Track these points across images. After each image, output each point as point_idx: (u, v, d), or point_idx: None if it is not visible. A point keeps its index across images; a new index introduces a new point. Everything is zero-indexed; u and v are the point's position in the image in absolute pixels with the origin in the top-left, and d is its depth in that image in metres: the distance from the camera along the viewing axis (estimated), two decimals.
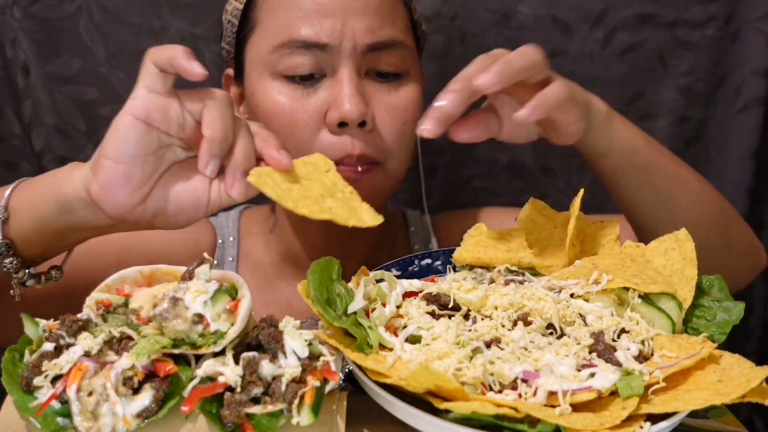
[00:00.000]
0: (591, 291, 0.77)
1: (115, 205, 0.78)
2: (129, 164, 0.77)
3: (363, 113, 1.00)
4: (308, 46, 1.01)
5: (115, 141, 0.77)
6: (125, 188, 0.77)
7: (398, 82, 1.05)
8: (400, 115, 1.04)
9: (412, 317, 0.75)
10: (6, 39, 1.40)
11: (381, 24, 1.03)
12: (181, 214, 0.81)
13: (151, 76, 0.78)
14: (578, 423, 0.62)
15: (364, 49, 1.02)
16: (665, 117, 1.46)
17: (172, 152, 0.80)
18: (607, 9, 1.41)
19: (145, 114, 0.77)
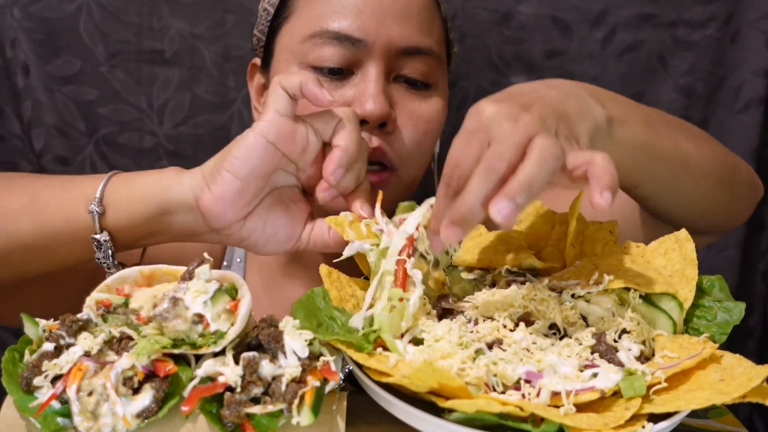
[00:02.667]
0: (592, 291, 0.77)
1: (221, 218, 0.81)
2: (247, 182, 0.80)
3: (385, 113, 0.98)
4: (340, 38, 0.99)
5: (241, 157, 0.79)
6: (236, 204, 0.81)
7: (426, 92, 1.04)
8: (422, 124, 1.03)
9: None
10: (6, 39, 1.40)
11: (418, 30, 1.01)
12: (273, 241, 0.85)
13: (281, 100, 0.80)
14: (582, 423, 0.62)
15: (397, 52, 1.00)
16: None
17: (278, 175, 0.84)
18: (607, 9, 1.41)
19: (275, 135, 0.80)
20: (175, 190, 0.82)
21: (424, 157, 1.06)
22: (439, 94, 1.06)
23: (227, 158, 0.80)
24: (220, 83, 1.45)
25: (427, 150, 1.06)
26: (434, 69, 1.04)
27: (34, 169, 1.48)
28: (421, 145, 1.03)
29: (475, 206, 0.66)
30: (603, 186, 0.65)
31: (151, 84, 1.44)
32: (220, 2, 1.42)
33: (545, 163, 0.66)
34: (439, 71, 1.06)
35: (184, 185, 0.82)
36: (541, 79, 1.46)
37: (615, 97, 0.89)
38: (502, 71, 1.45)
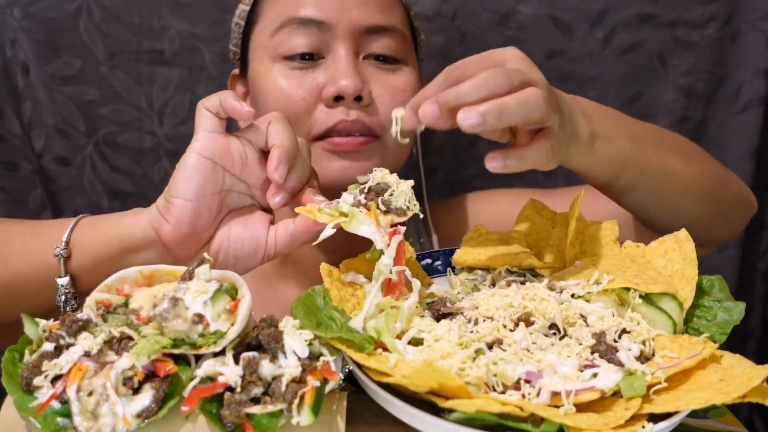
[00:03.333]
0: (592, 291, 0.77)
1: (184, 244, 0.83)
2: (198, 202, 0.82)
3: (359, 87, 1.00)
4: (305, 23, 1.03)
5: (183, 179, 0.81)
6: (195, 227, 0.82)
7: (396, 65, 1.06)
8: (398, 93, 1.05)
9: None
10: (6, 39, 1.40)
11: (380, 9, 1.05)
12: (242, 258, 0.86)
13: (207, 118, 0.83)
14: (583, 423, 0.62)
15: (362, 31, 1.03)
16: (665, 117, 1.46)
17: (231, 197, 0.86)
18: (607, 9, 1.41)
19: (210, 151, 0.82)
20: (137, 227, 0.83)
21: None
22: (410, 67, 1.08)
23: (173, 186, 0.82)
24: (220, 83, 1.45)
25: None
26: (400, 45, 1.07)
27: (34, 169, 1.48)
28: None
29: (465, 97, 0.73)
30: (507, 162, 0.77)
31: (151, 84, 1.44)
32: (220, 2, 1.42)
33: (526, 105, 0.74)
34: (406, 48, 1.09)
35: (144, 221, 0.83)
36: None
37: (605, 114, 0.92)
38: None
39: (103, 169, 1.47)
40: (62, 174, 1.47)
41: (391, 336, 0.72)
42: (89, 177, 1.48)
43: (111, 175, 1.48)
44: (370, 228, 0.78)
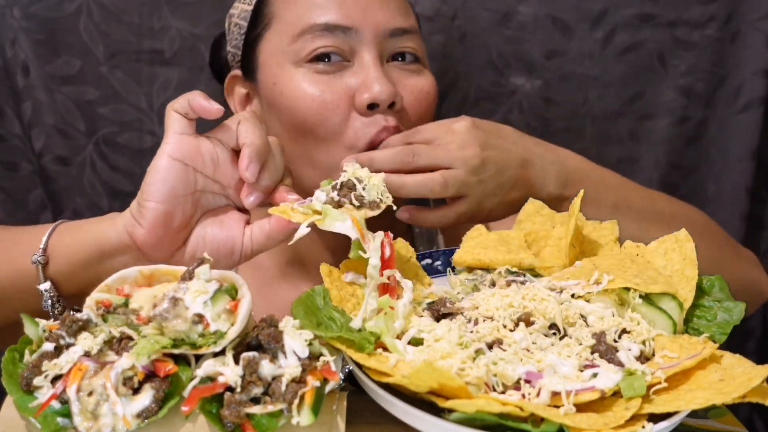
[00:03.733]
0: (592, 291, 0.77)
1: (159, 248, 0.83)
2: (170, 204, 0.81)
3: (392, 93, 1.00)
4: (330, 29, 1.02)
5: (155, 182, 0.81)
6: (168, 229, 0.82)
7: (417, 66, 1.08)
8: (424, 97, 1.06)
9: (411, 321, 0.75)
10: (6, 39, 1.40)
11: (400, 12, 1.06)
12: (218, 258, 0.84)
13: (176, 120, 0.84)
14: (583, 423, 0.62)
15: (387, 34, 1.04)
16: (665, 117, 1.46)
17: (206, 198, 0.86)
18: (607, 9, 1.41)
19: (180, 153, 0.82)
20: (112, 233, 0.83)
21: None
22: (428, 70, 1.10)
23: (144, 189, 0.82)
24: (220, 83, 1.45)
25: (428, 120, 1.07)
26: (420, 45, 1.09)
27: (34, 169, 1.48)
28: (425, 119, 1.06)
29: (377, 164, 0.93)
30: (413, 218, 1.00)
31: (151, 84, 1.44)
32: (220, 2, 1.41)
33: (422, 186, 0.93)
34: (423, 48, 1.10)
35: (118, 226, 0.83)
36: (541, 79, 1.47)
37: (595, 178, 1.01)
38: (502, 71, 1.45)
39: (103, 169, 1.47)
40: (62, 174, 1.47)
41: (391, 336, 0.72)
42: (89, 177, 1.48)
43: (111, 175, 1.48)
44: (345, 224, 0.79)
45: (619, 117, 1.47)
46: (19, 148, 1.47)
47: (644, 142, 1.48)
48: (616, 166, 1.48)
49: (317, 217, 0.79)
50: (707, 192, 1.49)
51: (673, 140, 1.47)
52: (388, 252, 0.80)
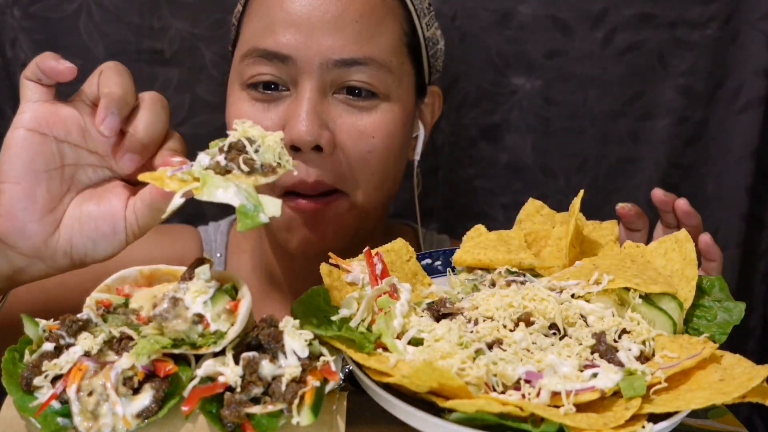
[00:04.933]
0: (592, 291, 0.77)
1: (24, 235, 0.71)
2: (29, 182, 0.71)
3: (315, 137, 0.93)
4: (268, 56, 0.96)
5: (8, 160, 0.70)
6: (31, 212, 0.71)
7: (370, 102, 0.98)
8: (364, 140, 0.97)
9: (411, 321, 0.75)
10: (6, 39, 1.40)
11: (355, 40, 0.95)
12: (100, 239, 0.74)
13: (29, 88, 0.73)
14: (583, 422, 0.62)
15: (330, 65, 0.95)
16: (665, 117, 1.46)
17: (83, 173, 0.75)
18: (607, 9, 1.41)
19: (36, 122, 0.72)
20: None
21: (377, 176, 1.00)
22: (391, 103, 0.99)
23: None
24: (220, 83, 1.44)
25: (377, 167, 0.99)
26: (380, 78, 0.97)
27: None
28: (366, 164, 0.98)
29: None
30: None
31: (151, 84, 1.44)
32: (220, 2, 1.41)
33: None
34: (390, 80, 0.99)
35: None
36: (541, 79, 1.47)
37: None
38: (502, 71, 1.45)
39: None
40: None
41: (391, 336, 0.72)
42: None
43: None
44: (226, 193, 0.66)
45: (619, 117, 1.47)
46: None
47: (644, 142, 1.48)
48: (616, 166, 1.49)
49: (194, 185, 0.66)
50: (707, 192, 1.49)
51: (673, 140, 1.47)
52: (379, 267, 0.81)
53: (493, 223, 1.00)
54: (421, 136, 1.11)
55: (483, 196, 1.54)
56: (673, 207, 0.95)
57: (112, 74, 0.73)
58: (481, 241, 0.89)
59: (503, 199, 1.53)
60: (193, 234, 1.21)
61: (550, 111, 1.47)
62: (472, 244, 0.89)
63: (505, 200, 1.52)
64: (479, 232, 0.91)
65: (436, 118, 1.16)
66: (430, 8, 1.11)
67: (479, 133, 1.48)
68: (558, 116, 1.47)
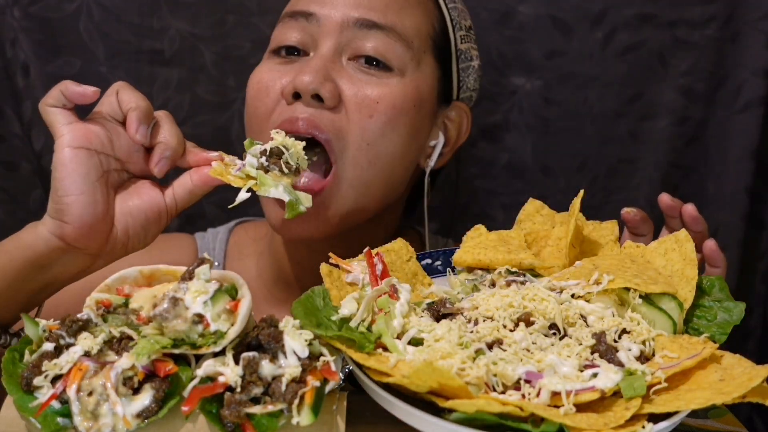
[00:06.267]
0: (592, 291, 0.77)
1: (92, 237, 0.81)
2: (89, 191, 0.80)
3: (317, 85, 0.94)
4: (295, 16, 1.00)
5: (68, 176, 0.79)
6: (95, 216, 0.80)
7: (383, 73, 0.98)
8: (368, 104, 0.96)
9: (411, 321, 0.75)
10: (6, 39, 1.40)
11: (380, 7, 0.98)
12: (150, 226, 0.85)
13: (57, 114, 0.81)
14: (583, 422, 0.62)
15: (350, 24, 0.97)
16: (665, 117, 1.46)
17: (113, 176, 0.84)
18: (607, 9, 1.41)
19: (78, 140, 0.80)
20: (39, 243, 0.81)
21: (373, 149, 0.98)
22: (403, 79, 0.99)
23: (58, 186, 0.80)
24: (220, 83, 1.45)
25: (374, 137, 0.98)
26: (396, 52, 0.98)
27: (34, 169, 1.48)
28: (364, 129, 0.97)
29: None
30: None
31: (151, 84, 1.44)
32: (220, 2, 1.42)
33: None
34: (406, 57, 0.99)
35: (43, 234, 0.81)
36: (541, 79, 1.47)
37: None
38: (502, 71, 1.45)
39: None
40: None
41: (390, 336, 0.72)
42: None
43: None
44: (277, 190, 0.84)
45: (619, 117, 1.47)
46: (19, 148, 1.47)
47: (644, 142, 1.48)
48: (616, 166, 1.49)
49: (253, 182, 0.84)
50: (707, 192, 1.49)
51: (673, 140, 1.47)
52: (380, 267, 0.81)
53: (493, 223, 1.00)
54: (439, 146, 1.08)
55: (483, 196, 1.54)
56: (680, 212, 0.95)
57: (130, 91, 0.84)
58: (481, 241, 0.89)
59: (503, 199, 1.53)
60: (189, 242, 1.20)
61: (550, 111, 1.47)
62: (472, 244, 0.89)
63: (505, 200, 1.52)
64: (479, 232, 0.91)
65: (462, 139, 1.12)
66: (470, 31, 1.11)
67: (479, 133, 1.48)
68: (558, 116, 1.47)
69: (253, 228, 1.23)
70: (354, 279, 0.80)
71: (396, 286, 0.78)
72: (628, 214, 0.97)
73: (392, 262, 0.85)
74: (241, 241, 1.21)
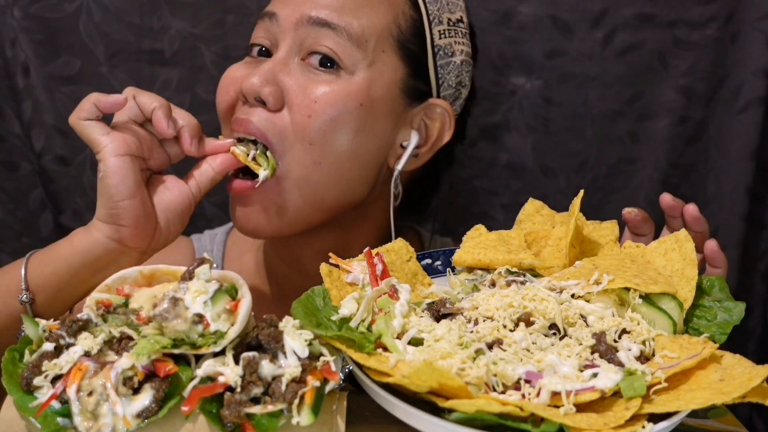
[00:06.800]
0: (592, 291, 0.77)
1: (145, 236, 0.89)
2: (139, 194, 0.88)
3: (258, 88, 0.96)
4: (263, 16, 1.02)
5: (120, 183, 0.87)
6: (147, 216, 0.89)
7: (331, 72, 0.97)
8: (307, 104, 0.96)
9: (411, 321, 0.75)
10: (6, 39, 1.40)
11: (335, 6, 0.98)
12: (184, 217, 0.94)
13: (94, 126, 0.88)
14: (583, 422, 0.62)
15: (305, 21, 0.97)
16: (665, 117, 1.46)
17: (145, 176, 0.92)
18: (607, 9, 1.41)
19: (120, 148, 0.87)
20: (98, 248, 0.88)
21: (316, 148, 0.97)
22: (350, 77, 0.98)
23: (111, 192, 0.87)
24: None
25: (315, 137, 0.96)
26: (346, 51, 0.97)
27: (34, 169, 1.48)
28: (303, 129, 0.96)
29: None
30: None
31: (151, 84, 1.44)
32: (220, 2, 1.41)
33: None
34: (357, 56, 0.98)
35: (101, 240, 0.88)
36: (541, 79, 1.47)
37: None
38: (502, 71, 1.45)
39: None
40: (62, 174, 1.47)
41: (390, 336, 0.72)
42: (89, 177, 1.47)
43: None
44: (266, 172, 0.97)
45: (619, 117, 1.47)
46: (19, 148, 1.47)
47: (644, 142, 1.48)
48: (616, 166, 1.49)
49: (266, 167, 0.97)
50: (707, 192, 1.49)
51: (673, 140, 1.47)
52: (379, 267, 0.81)
53: (493, 223, 1.00)
54: (411, 146, 1.04)
55: (483, 196, 1.54)
56: (681, 212, 0.95)
57: (147, 94, 0.91)
58: (481, 241, 0.89)
59: (503, 199, 1.53)
60: (186, 244, 1.20)
61: (550, 111, 1.47)
62: (472, 244, 0.89)
63: (505, 200, 1.52)
64: (479, 232, 0.91)
65: (444, 138, 1.08)
66: (458, 24, 1.08)
67: (479, 133, 1.48)
68: (558, 116, 1.47)
69: None
70: (354, 279, 0.81)
71: (396, 286, 0.78)
72: (629, 214, 0.97)
73: (392, 262, 0.85)
74: (239, 242, 1.21)
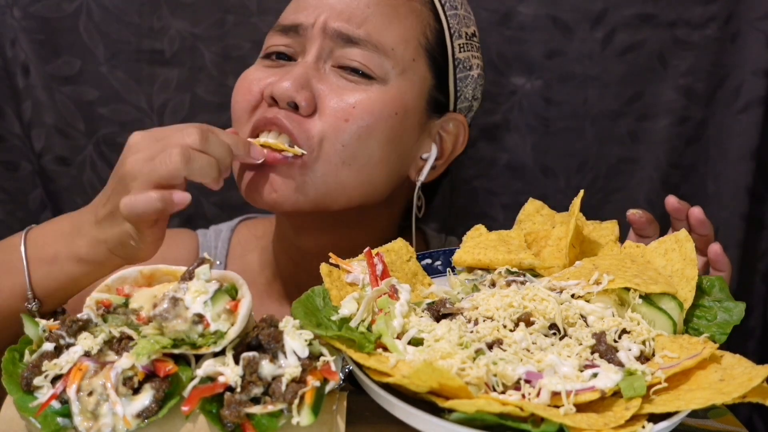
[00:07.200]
0: (592, 291, 0.77)
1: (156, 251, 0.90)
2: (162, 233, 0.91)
3: (292, 92, 0.95)
4: (285, 30, 1.01)
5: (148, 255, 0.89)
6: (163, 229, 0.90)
7: (364, 81, 0.98)
8: (343, 108, 0.96)
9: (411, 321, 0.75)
10: (6, 39, 1.40)
11: (358, 19, 0.99)
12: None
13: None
14: (583, 422, 0.62)
15: (330, 31, 0.98)
16: (665, 117, 1.46)
17: None
18: (607, 9, 1.41)
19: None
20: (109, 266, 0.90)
21: (348, 150, 0.97)
22: (385, 86, 0.99)
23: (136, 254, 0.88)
24: (220, 83, 1.45)
25: (350, 140, 0.97)
26: (375, 62, 0.98)
27: (34, 169, 1.48)
28: (339, 131, 0.96)
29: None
30: None
31: (151, 84, 1.44)
32: (220, 2, 1.41)
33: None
34: (387, 65, 0.99)
35: (115, 261, 0.90)
36: (541, 79, 1.47)
37: None
38: (502, 71, 1.45)
39: (103, 169, 1.47)
40: (62, 174, 1.47)
41: (390, 336, 0.72)
42: (89, 177, 1.48)
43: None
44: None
45: (619, 117, 1.47)
46: (19, 148, 1.47)
47: (644, 142, 1.48)
48: (616, 166, 1.49)
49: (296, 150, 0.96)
50: (707, 192, 1.49)
51: (673, 140, 1.47)
52: (380, 268, 0.81)
53: (493, 223, 1.00)
54: (431, 159, 1.06)
55: (483, 196, 1.54)
56: (686, 215, 0.95)
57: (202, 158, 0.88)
58: (481, 241, 0.89)
59: (503, 199, 1.53)
60: (191, 238, 1.20)
61: (550, 111, 1.47)
62: (472, 244, 0.89)
63: (505, 200, 1.52)
64: (479, 232, 0.91)
65: (458, 151, 1.11)
66: (473, 38, 1.10)
67: (479, 133, 1.48)
68: (558, 116, 1.47)
69: (256, 225, 1.23)
70: (354, 279, 0.81)
71: (396, 286, 0.78)
72: (633, 215, 0.96)
73: (392, 262, 0.85)
74: (244, 239, 1.20)
